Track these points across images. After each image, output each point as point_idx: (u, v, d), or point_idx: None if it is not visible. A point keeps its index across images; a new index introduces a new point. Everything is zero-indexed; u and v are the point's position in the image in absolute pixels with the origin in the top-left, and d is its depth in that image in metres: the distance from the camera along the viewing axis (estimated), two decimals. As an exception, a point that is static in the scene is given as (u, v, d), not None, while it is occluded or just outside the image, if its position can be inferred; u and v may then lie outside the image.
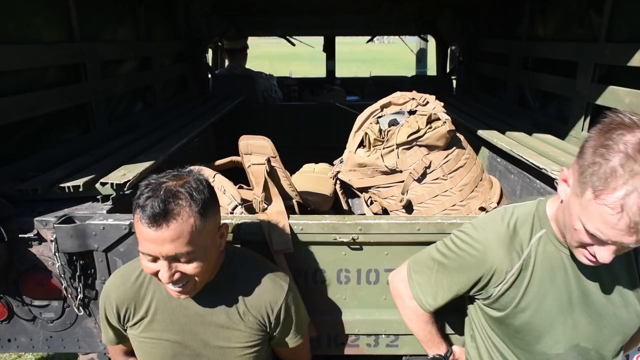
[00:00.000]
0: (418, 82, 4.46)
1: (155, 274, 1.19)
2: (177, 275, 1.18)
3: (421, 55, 6.36)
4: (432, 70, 5.86)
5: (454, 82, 4.81)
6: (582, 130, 2.48)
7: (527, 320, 1.32)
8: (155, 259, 1.16)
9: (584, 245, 1.13)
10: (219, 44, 5.51)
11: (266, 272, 1.39)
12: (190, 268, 1.18)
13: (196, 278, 1.22)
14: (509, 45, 3.51)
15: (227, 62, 5.41)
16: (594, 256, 1.11)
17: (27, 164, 1.99)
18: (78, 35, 2.41)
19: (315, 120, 4.28)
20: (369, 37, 6.05)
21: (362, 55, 26.34)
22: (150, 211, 1.11)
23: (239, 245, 1.55)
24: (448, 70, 5.08)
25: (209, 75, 4.77)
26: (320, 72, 6.17)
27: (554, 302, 1.30)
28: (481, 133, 2.63)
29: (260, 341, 1.39)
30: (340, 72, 6.31)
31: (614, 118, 1.03)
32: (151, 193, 1.14)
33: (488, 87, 4.05)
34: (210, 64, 5.34)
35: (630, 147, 0.98)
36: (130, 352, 1.53)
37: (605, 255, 1.08)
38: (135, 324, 1.36)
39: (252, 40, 5.39)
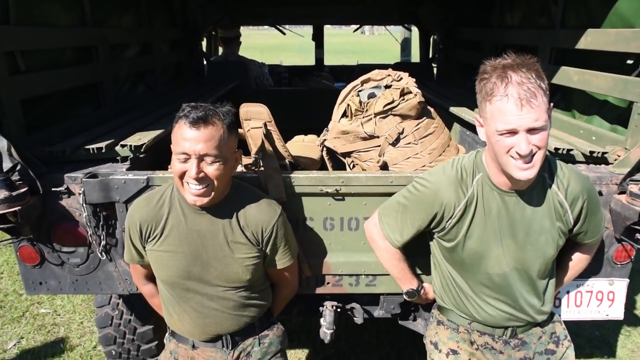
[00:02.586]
0: (401, 69, 4.77)
1: (182, 175, 1.51)
2: (201, 174, 1.50)
3: (405, 45, 6.66)
4: (416, 58, 6.17)
5: (435, 69, 5.12)
6: (541, 106, 2.80)
7: (472, 247, 1.64)
8: (186, 160, 1.49)
9: (509, 151, 1.42)
10: (213, 32, 5.76)
11: (264, 199, 1.72)
12: (212, 169, 1.51)
13: (215, 183, 1.53)
14: (482, 33, 3.83)
15: (220, 50, 5.67)
16: (519, 156, 1.41)
17: (51, 133, 2.25)
18: (90, 20, 2.67)
19: (304, 104, 4.55)
20: (355, 28, 6.35)
21: (351, 47, 26.55)
22: (194, 116, 1.47)
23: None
24: (430, 58, 5.39)
25: (204, 62, 5.02)
26: (309, 62, 6.44)
27: (491, 232, 1.62)
28: (453, 110, 2.95)
29: (258, 255, 1.70)
30: (331, 62, 6.59)
31: (485, 63, 1.49)
32: (192, 108, 1.51)
33: (465, 72, 4.36)
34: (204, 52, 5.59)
35: (499, 70, 1.42)
36: (149, 277, 1.83)
37: (522, 145, 1.39)
38: (154, 238, 1.65)
39: (242, 32, 5.64)
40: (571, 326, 3.35)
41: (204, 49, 5.49)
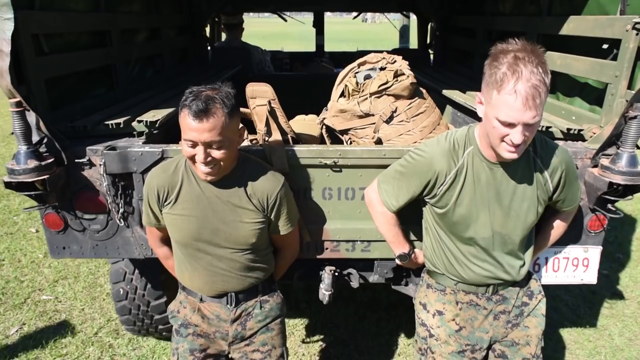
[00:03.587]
0: (398, 55, 4.92)
1: (192, 157, 1.67)
2: (209, 158, 1.65)
3: (404, 32, 6.80)
4: (414, 45, 6.30)
5: (432, 55, 5.28)
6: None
7: (461, 213, 1.82)
8: (194, 145, 1.64)
9: (503, 139, 1.58)
10: (216, 19, 5.91)
11: (268, 170, 1.90)
12: (219, 154, 1.66)
13: (221, 163, 1.69)
14: (477, 20, 3.98)
15: (224, 36, 5.83)
16: (512, 144, 1.56)
17: (71, 111, 2.43)
18: (103, 6, 2.84)
19: (304, 89, 4.72)
20: (355, 15, 6.48)
21: (352, 35, 26.59)
22: (196, 108, 1.57)
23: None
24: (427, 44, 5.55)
25: (208, 48, 5.18)
26: (309, 49, 6.59)
27: (479, 199, 1.80)
28: (445, 92, 3.12)
29: (263, 220, 1.88)
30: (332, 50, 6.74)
31: (496, 47, 1.57)
32: (194, 97, 1.61)
33: (460, 58, 4.53)
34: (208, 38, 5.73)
35: (510, 58, 1.51)
36: (163, 240, 2.02)
37: (517, 137, 1.54)
38: (169, 203, 1.83)
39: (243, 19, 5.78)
40: (569, 314, 3.47)
41: (208, 35, 5.63)
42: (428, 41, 5.54)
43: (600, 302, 3.63)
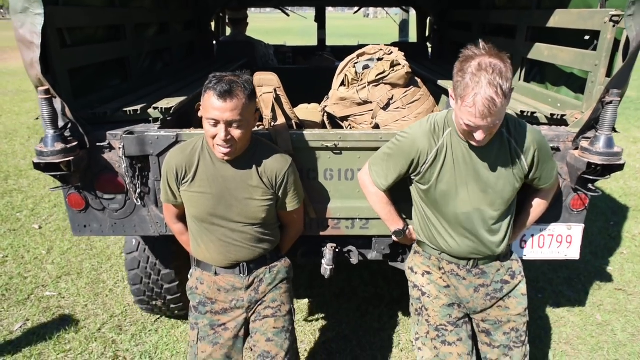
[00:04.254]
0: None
1: (213, 137, 1.85)
2: (229, 137, 1.84)
3: (403, 26, 6.95)
4: (413, 39, 6.46)
5: (431, 48, 5.44)
6: (519, 80, 3.15)
7: (443, 190, 2.00)
8: (216, 124, 1.82)
9: (468, 133, 1.80)
10: (221, 14, 6.08)
11: (278, 151, 2.08)
12: (237, 133, 1.85)
13: (238, 142, 1.88)
14: (472, 14, 4.14)
15: (228, 31, 5.99)
16: (476, 139, 1.78)
17: (89, 100, 2.60)
18: (118, 2, 3.01)
19: (307, 81, 4.89)
20: (356, 10, 6.63)
21: (354, 30, 26.67)
22: (220, 89, 1.77)
23: None
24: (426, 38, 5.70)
25: (214, 42, 5.35)
26: (311, 44, 6.74)
27: (458, 176, 1.97)
28: (441, 83, 3.29)
29: (272, 197, 2.06)
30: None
31: (465, 52, 1.74)
32: (218, 80, 1.81)
33: (457, 51, 4.67)
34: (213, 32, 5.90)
35: (473, 68, 1.66)
36: (179, 217, 2.20)
37: (479, 136, 1.76)
38: (187, 181, 2.01)
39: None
40: (572, 310, 3.51)
41: (213, 29, 5.80)
42: (427, 35, 5.70)
43: (603, 297, 3.66)
